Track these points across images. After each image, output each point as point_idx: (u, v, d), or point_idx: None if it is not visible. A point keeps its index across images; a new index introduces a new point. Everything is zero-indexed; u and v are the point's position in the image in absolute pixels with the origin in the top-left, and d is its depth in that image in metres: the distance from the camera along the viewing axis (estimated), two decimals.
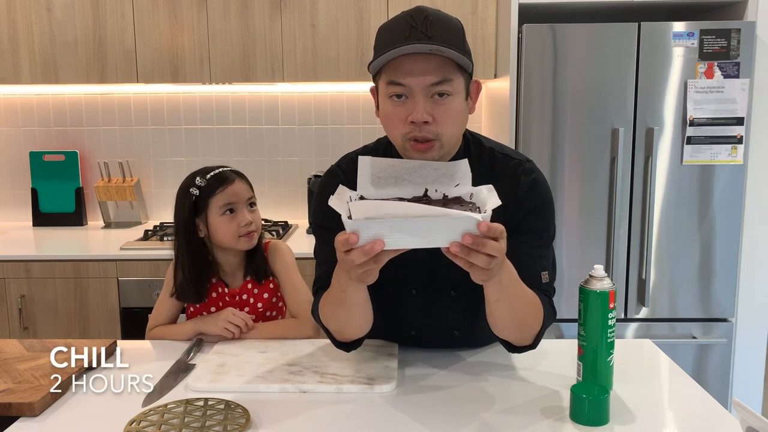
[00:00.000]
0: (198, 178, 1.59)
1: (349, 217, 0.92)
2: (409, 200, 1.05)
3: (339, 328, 1.23)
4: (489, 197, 0.99)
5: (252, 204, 1.63)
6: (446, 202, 1.04)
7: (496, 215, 0.94)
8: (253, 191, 1.65)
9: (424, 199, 1.06)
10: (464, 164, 1.05)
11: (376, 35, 1.17)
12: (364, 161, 1.06)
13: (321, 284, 1.26)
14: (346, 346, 1.26)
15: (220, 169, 1.62)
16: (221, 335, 1.48)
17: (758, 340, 2.50)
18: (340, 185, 1.03)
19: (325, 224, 1.22)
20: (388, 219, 0.91)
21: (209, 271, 1.61)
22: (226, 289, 1.62)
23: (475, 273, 0.97)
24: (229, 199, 1.57)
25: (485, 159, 1.27)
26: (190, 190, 1.58)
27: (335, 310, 1.19)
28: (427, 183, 1.06)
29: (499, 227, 0.94)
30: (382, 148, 1.30)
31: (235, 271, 1.63)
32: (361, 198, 1.05)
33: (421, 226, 0.91)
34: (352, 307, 1.15)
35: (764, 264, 2.48)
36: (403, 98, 1.13)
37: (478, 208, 1.00)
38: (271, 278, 1.65)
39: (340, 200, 0.98)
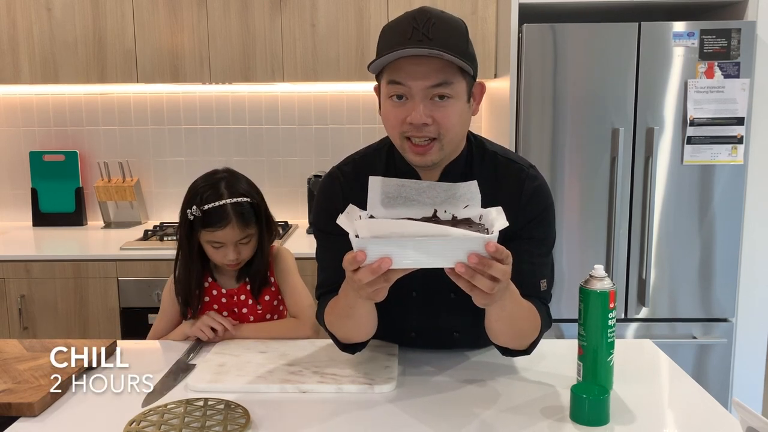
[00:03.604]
0: (194, 207, 1.53)
1: (357, 236, 0.92)
2: (417, 221, 1.05)
3: (345, 335, 1.24)
4: (497, 219, 0.98)
5: (243, 242, 1.55)
6: (455, 223, 1.05)
7: None
8: (251, 227, 1.55)
9: (433, 220, 1.06)
10: (473, 186, 1.06)
11: (380, 35, 1.17)
12: (374, 181, 1.07)
13: (324, 290, 1.26)
14: (351, 348, 1.27)
15: (221, 204, 1.52)
16: (207, 336, 1.47)
17: (758, 341, 2.50)
18: (350, 205, 1.04)
19: (326, 228, 1.21)
20: (395, 238, 0.91)
21: (202, 272, 1.60)
22: (222, 290, 1.62)
23: (477, 296, 0.96)
24: (216, 239, 1.53)
25: (488, 162, 1.26)
26: (187, 211, 1.54)
27: (342, 322, 1.19)
28: (436, 204, 1.07)
29: (507, 250, 0.93)
30: (386, 148, 1.29)
31: (231, 273, 1.63)
32: (371, 218, 1.05)
33: (428, 245, 0.91)
34: (359, 319, 1.16)
35: (764, 264, 2.48)
36: (403, 99, 1.13)
37: (487, 229, 1.00)
38: (270, 284, 1.64)
39: (349, 219, 0.99)
